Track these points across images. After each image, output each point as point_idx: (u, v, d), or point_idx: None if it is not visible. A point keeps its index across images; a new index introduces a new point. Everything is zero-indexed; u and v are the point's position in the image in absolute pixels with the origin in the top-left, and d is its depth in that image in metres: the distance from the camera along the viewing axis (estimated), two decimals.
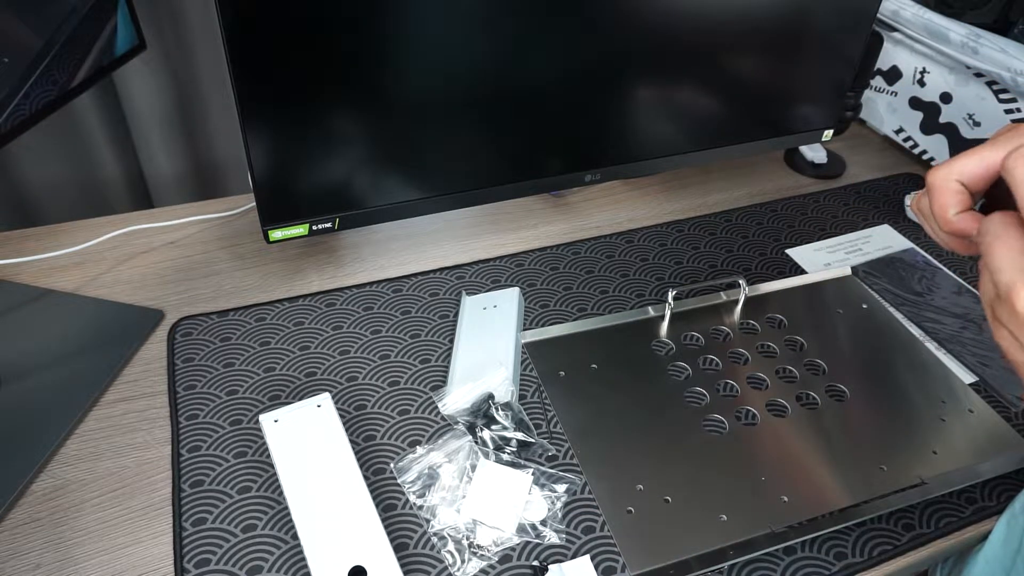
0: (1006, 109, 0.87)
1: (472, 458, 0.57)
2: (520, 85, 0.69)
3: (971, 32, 0.86)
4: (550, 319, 0.73)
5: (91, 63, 0.69)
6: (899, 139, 1.03)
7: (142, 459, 0.59)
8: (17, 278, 0.74)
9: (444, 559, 0.52)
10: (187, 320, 0.71)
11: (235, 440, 0.60)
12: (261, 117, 0.60)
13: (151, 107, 1.04)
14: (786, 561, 0.54)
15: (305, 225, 0.68)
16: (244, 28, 0.55)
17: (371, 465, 0.59)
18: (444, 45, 0.64)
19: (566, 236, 0.85)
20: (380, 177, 0.69)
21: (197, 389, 0.64)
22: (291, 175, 0.65)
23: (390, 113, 0.65)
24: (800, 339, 0.71)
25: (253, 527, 0.54)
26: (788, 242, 0.86)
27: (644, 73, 0.74)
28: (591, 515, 0.55)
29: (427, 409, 0.63)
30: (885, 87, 1.02)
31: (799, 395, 0.65)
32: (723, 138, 0.83)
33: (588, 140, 0.76)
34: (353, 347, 0.69)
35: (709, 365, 0.68)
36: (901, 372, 0.68)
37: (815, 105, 0.86)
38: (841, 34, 0.81)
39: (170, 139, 1.08)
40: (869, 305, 0.75)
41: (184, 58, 1.03)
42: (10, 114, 0.60)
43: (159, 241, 0.81)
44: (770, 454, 0.60)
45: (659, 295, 0.76)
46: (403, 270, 0.79)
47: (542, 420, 0.62)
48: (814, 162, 0.99)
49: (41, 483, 0.57)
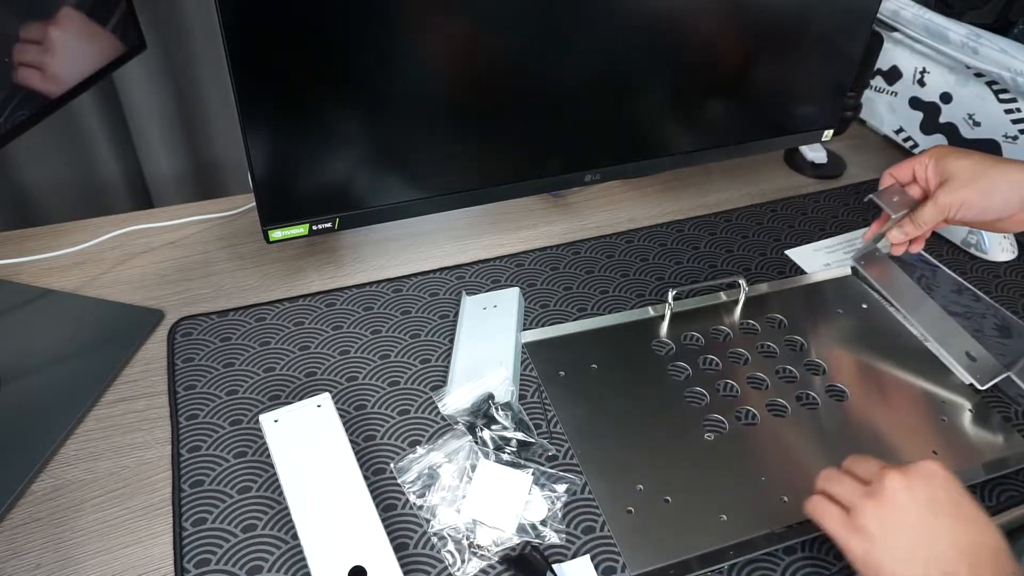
0: (1006, 109, 0.87)
1: (472, 458, 0.57)
2: (520, 85, 0.69)
3: (971, 32, 0.86)
4: (550, 319, 0.73)
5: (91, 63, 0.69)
6: (899, 139, 1.03)
7: (142, 459, 0.59)
8: (17, 278, 0.74)
9: (444, 559, 0.52)
10: (187, 320, 0.71)
11: (235, 440, 0.60)
12: (261, 117, 0.60)
13: (151, 107, 1.04)
14: (786, 561, 0.54)
15: (305, 225, 0.68)
16: (244, 28, 0.55)
17: (371, 465, 0.59)
18: (444, 45, 0.64)
19: (566, 236, 0.85)
20: (380, 177, 0.69)
21: (197, 389, 0.64)
22: (291, 175, 0.65)
23: (390, 113, 0.65)
24: (800, 339, 0.71)
25: (253, 527, 0.54)
26: (788, 242, 0.86)
27: (644, 73, 0.74)
28: (591, 515, 0.55)
29: (427, 409, 0.63)
30: (885, 87, 1.02)
31: (799, 395, 0.65)
32: (723, 138, 0.83)
33: (588, 140, 0.76)
34: (353, 347, 0.69)
35: (709, 365, 0.68)
36: (901, 372, 0.68)
37: (815, 105, 0.86)
38: (841, 34, 0.81)
39: (170, 139, 1.08)
40: (869, 305, 0.75)
41: (184, 58, 1.03)
42: (10, 114, 0.60)
43: (159, 241, 0.81)
44: (770, 454, 0.60)
45: (659, 295, 0.76)
46: (403, 270, 0.79)
47: (542, 420, 0.62)
48: (814, 162, 0.99)
49: (41, 483, 0.57)
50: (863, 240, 0.77)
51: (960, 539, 0.45)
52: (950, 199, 0.65)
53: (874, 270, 0.76)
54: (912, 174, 0.70)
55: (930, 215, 0.67)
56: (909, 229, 0.69)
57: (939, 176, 0.67)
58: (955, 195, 0.65)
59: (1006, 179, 0.63)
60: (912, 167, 0.70)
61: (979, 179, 0.64)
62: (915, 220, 0.68)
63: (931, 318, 0.72)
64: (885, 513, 0.47)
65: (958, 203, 0.65)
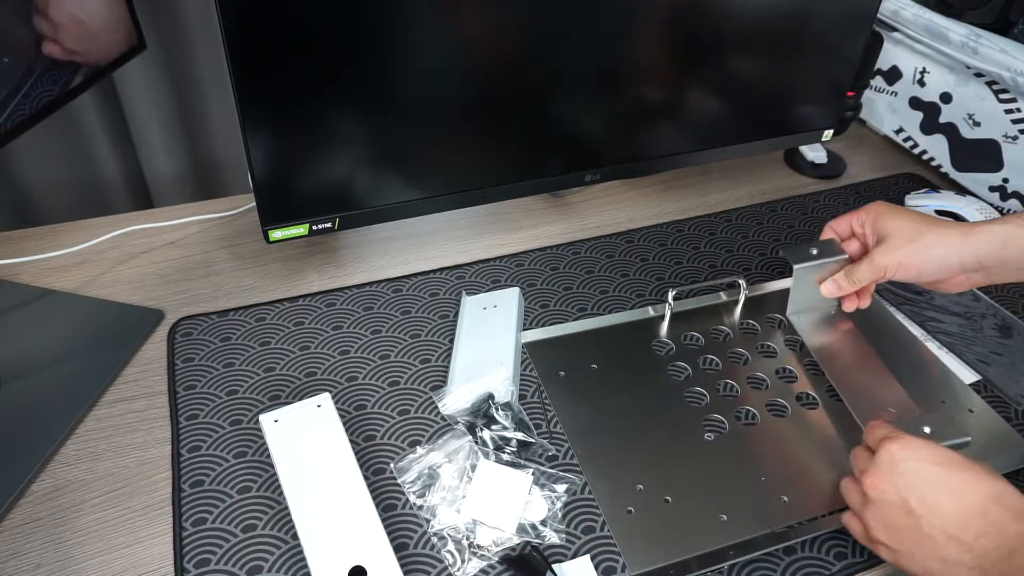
0: (1006, 109, 0.87)
1: (472, 458, 0.57)
2: (520, 85, 0.69)
3: (971, 32, 0.86)
4: (550, 319, 0.73)
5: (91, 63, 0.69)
6: (899, 139, 1.03)
7: (142, 459, 0.59)
8: (17, 278, 0.74)
9: (444, 559, 0.52)
10: (187, 320, 0.71)
11: (235, 440, 0.60)
12: (261, 117, 0.60)
13: (151, 107, 1.04)
14: (786, 561, 0.54)
15: (305, 225, 0.68)
16: (244, 28, 0.55)
17: (371, 465, 0.59)
18: (444, 45, 0.64)
19: (566, 236, 0.85)
20: (380, 177, 0.69)
21: (197, 389, 0.64)
22: (291, 175, 0.65)
23: (390, 113, 0.65)
24: (800, 339, 0.71)
25: (253, 527, 0.54)
26: (788, 242, 0.86)
27: (643, 73, 0.74)
28: (591, 515, 0.55)
29: (427, 409, 0.63)
30: (885, 87, 1.02)
31: (799, 395, 0.65)
32: (723, 138, 0.83)
33: (588, 140, 0.76)
34: (353, 347, 0.69)
35: (709, 365, 0.68)
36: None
37: (815, 105, 0.86)
38: (841, 34, 0.81)
39: (170, 139, 1.08)
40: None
41: (184, 58, 1.03)
42: (10, 114, 0.60)
43: (159, 241, 0.81)
44: (770, 454, 0.60)
45: (659, 295, 0.76)
46: (403, 270, 0.79)
47: (542, 420, 0.62)
48: (814, 162, 0.99)
49: (41, 483, 0.57)
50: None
51: (964, 504, 0.46)
52: (887, 259, 0.63)
53: (806, 325, 0.71)
54: (851, 229, 0.68)
55: (865, 273, 0.65)
56: (843, 283, 0.67)
57: (875, 234, 0.65)
58: (891, 256, 0.63)
59: (943, 242, 0.61)
60: (850, 222, 0.68)
61: (915, 241, 0.62)
62: (850, 276, 0.66)
63: (855, 375, 0.67)
64: (888, 521, 0.48)
65: (895, 264, 0.63)
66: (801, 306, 0.72)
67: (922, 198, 0.89)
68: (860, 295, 0.68)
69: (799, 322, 0.72)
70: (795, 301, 0.72)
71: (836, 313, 0.72)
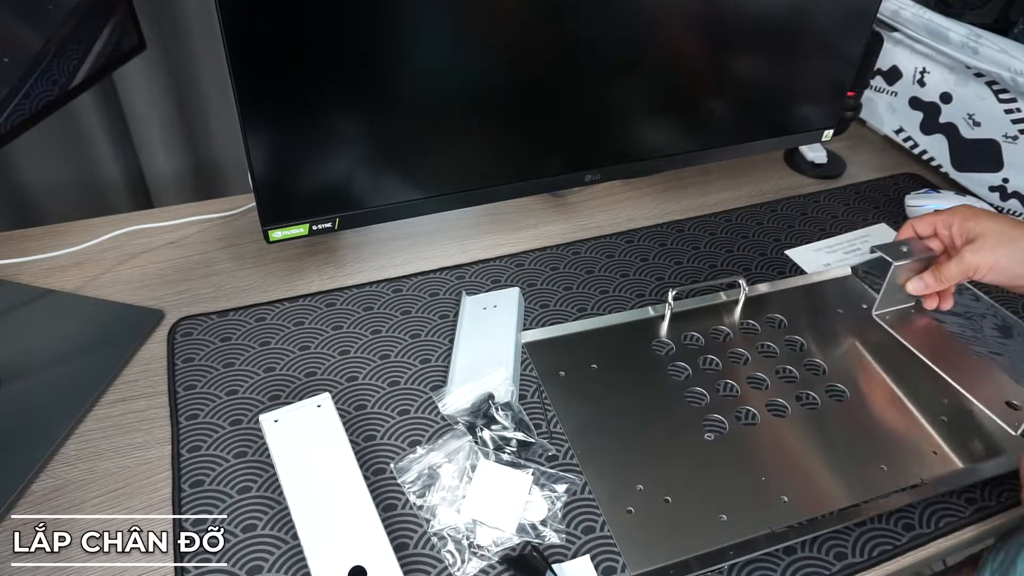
0: (1006, 109, 0.87)
1: (472, 458, 0.57)
2: (520, 85, 0.69)
3: (971, 32, 0.86)
4: (550, 319, 0.73)
5: (91, 63, 0.69)
6: (899, 139, 1.03)
7: (142, 459, 0.59)
8: (17, 278, 0.74)
9: (444, 559, 0.52)
10: (187, 320, 0.71)
11: (235, 440, 0.60)
12: (261, 117, 0.60)
13: (151, 107, 1.04)
14: (786, 561, 0.54)
15: (305, 225, 0.68)
16: (244, 28, 0.55)
17: (371, 465, 0.58)
18: (444, 45, 0.64)
19: (566, 236, 0.85)
20: (380, 177, 0.69)
21: (197, 389, 0.64)
22: (291, 175, 0.65)
23: (390, 113, 0.65)
24: (800, 339, 0.71)
25: (253, 527, 0.54)
26: (788, 242, 0.86)
27: (644, 73, 0.74)
28: (591, 515, 0.55)
29: (427, 409, 0.63)
30: (885, 87, 1.02)
31: (799, 395, 0.65)
32: (723, 138, 0.83)
33: (588, 140, 0.76)
34: (353, 347, 0.69)
35: (709, 365, 0.68)
36: (901, 372, 0.68)
37: (815, 105, 0.86)
38: (841, 34, 0.81)
39: (170, 139, 1.08)
40: (869, 305, 0.75)
41: (184, 58, 1.03)
42: (10, 114, 0.60)
43: (159, 241, 0.81)
44: (770, 454, 0.60)
45: (659, 295, 0.76)
46: (403, 270, 0.79)
47: (542, 420, 0.62)
48: (814, 162, 0.99)
49: (41, 483, 0.57)
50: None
51: None
52: (978, 259, 0.63)
53: (896, 324, 0.72)
54: (933, 229, 0.68)
55: (955, 271, 0.65)
56: (930, 282, 0.67)
57: (964, 235, 0.65)
58: (984, 257, 0.63)
59: None
60: (934, 222, 0.68)
61: (1010, 244, 0.62)
62: (938, 274, 0.66)
63: (963, 367, 0.69)
64: None
65: (987, 265, 0.63)
66: (887, 305, 0.73)
67: (922, 198, 0.89)
68: (942, 295, 0.69)
69: (888, 320, 0.72)
70: (883, 300, 0.72)
71: (916, 312, 0.73)
